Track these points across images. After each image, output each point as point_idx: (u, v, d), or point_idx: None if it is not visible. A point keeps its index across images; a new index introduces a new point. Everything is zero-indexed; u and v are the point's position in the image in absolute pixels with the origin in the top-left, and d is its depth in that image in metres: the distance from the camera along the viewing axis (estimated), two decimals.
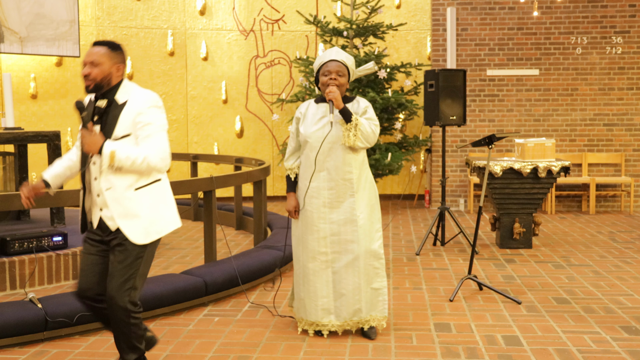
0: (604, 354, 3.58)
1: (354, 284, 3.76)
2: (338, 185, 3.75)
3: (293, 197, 3.86)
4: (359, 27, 8.57)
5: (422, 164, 9.72)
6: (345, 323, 3.80)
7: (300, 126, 3.84)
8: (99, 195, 2.99)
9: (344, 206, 3.76)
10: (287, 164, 3.92)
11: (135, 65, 9.28)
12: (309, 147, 3.78)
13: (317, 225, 3.77)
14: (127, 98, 3.00)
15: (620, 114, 8.84)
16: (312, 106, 3.86)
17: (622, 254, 6.09)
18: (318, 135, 3.74)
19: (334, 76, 3.72)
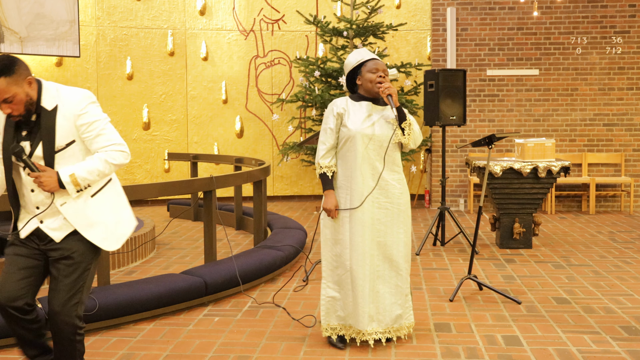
0: (604, 354, 3.58)
1: (397, 289, 3.66)
2: (388, 186, 3.63)
3: (333, 195, 3.61)
4: (359, 27, 8.57)
5: (422, 164, 9.72)
6: (386, 330, 3.67)
7: (346, 122, 3.60)
8: (38, 207, 2.76)
9: (392, 208, 3.64)
10: (324, 161, 3.64)
11: (135, 65, 9.28)
12: (356, 144, 3.57)
13: (369, 227, 3.58)
14: (57, 102, 2.71)
15: (620, 114, 8.84)
16: (350, 103, 3.66)
17: (622, 254, 6.09)
18: (367, 132, 3.57)
19: (382, 74, 3.62)
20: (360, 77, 3.67)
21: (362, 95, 3.70)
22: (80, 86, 8.98)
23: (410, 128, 3.62)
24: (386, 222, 3.64)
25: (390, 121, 3.64)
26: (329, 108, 3.68)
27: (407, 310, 3.74)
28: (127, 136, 9.31)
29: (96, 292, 4.09)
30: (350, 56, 3.76)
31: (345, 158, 3.64)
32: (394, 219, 3.65)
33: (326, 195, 3.63)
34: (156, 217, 8.33)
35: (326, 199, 3.62)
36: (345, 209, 3.60)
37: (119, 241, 2.88)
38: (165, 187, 5.04)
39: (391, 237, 3.65)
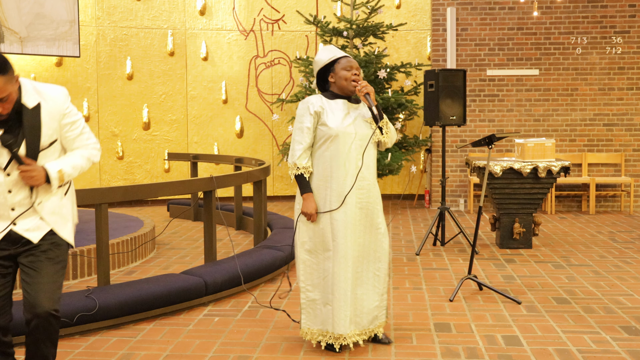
0: (604, 354, 3.58)
1: (377, 290, 3.62)
2: (368, 185, 3.56)
3: (312, 198, 3.48)
4: (359, 27, 8.57)
5: (422, 164, 9.72)
6: (363, 332, 3.61)
7: (325, 120, 3.49)
8: (14, 209, 2.67)
9: (371, 208, 3.57)
10: (302, 162, 3.49)
11: (135, 65, 9.28)
12: (338, 143, 3.48)
13: (351, 228, 3.48)
14: (38, 100, 2.65)
15: (620, 114, 8.84)
16: (326, 101, 3.55)
17: (622, 254, 6.09)
18: (349, 131, 3.49)
19: (357, 72, 3.56)
20: (334, 74, 3.58)
21: (335, 93, 3.61)
22: (81, 86, 8.99)
23: (387, 127, 3.58)
24: (366, 222, 3.57)
25: (367, 120, 3.58)
26: (303, 106, 3.55)
27: (381, 310, 3.68)
28: (127, 136, 9.32)
29: (96, 292, 4.09)
30: (320, 53, 3.66)
31: (322, 157, 3.52)
32: (373, 219, 3.59)
33: (305, 198, 3.49)
34: (156, 217, 8.33)
35: (305, 203, 3.48)
36: (325, 212, 3.49)
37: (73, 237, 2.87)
38: (165, 187, 5.04)
39: (370, 237, 3.59)
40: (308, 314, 3.59)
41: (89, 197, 4.41)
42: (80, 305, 3.92)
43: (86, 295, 4.02)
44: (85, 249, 5.19)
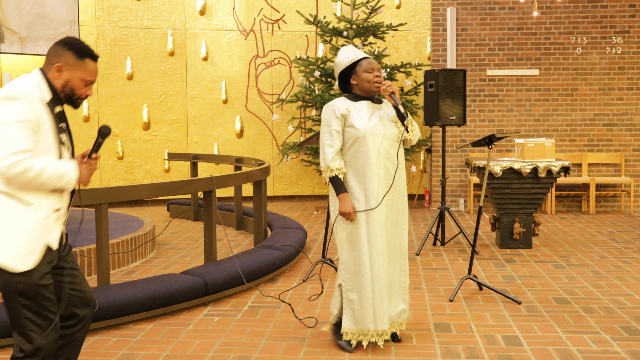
0: (604, 354, 3.58)
1: (401, 284, 3.71)
2: (397, 184, 3.63)
3: (348, 198, 3.54)
4: (359, 27, 8.57)
5: (422, 164, 9.72)
6: (392, 325, 3.70)
7: (352, 122, 3.55)
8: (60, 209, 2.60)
9: (398, 206, 3.65)
10: (334, 164, 3.55)
11: (135, 65, 9.28)
12: (367, 144, 3.53)
13: (383, 226, 3.57)
14: None
15: (620, 114, 8.84)
16: (350, 103, 3.61)
17: (622, 254, 6.09)
18: (376, 131, 3.55)
19: (378, 73, 3.61)
20: (356, 76, 3.65)
21: (358, 94, 3.67)
22: None
23: (412, 124, 3.65)
24: (393, 220, 3.66)
25: (392, 119, 3.64)
26: (329, 110, 3.61)
27: (407, 304, 3.80)
28: (127, 136, 9.32)
29: (96, 292, 4.09)
30: (341, 55, 3.71)
31: (354, 159, 3.59)
32: (399, 217, 3.68)
33: (341, 199, 3.55)
34: (156, 217, 8.33)
35: (342, 203, 3.54)
36: (362, 211, 3.55)
37: None
38: (165, 187, 5.04)
39: (397, 235, 3.68)
40: (348, 314, 3.63)
41: (89, 197, 4.41)
42: None
43: None
44: (85, 249, 5.19)
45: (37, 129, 2.40)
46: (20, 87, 2.41)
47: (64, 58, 2.52)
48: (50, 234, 2.49)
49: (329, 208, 3.73)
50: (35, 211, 2.43)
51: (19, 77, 2.51)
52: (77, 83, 2.54)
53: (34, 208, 2.43)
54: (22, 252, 2.39)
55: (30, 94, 2.41)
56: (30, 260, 2.40)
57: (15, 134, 2.34)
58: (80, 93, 2.56)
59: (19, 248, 2.38)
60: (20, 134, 2.35)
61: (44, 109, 2.44)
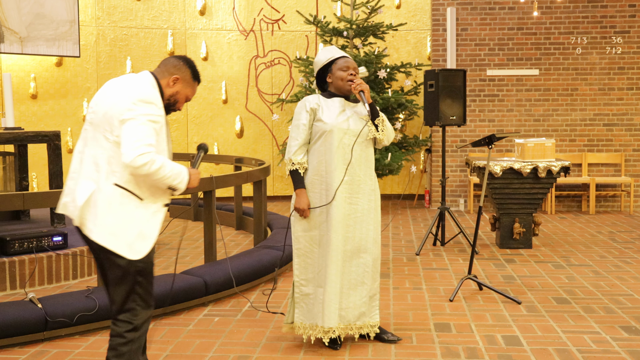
0: (604, 354, 3.58)
1: (362, 286, 3.65)
2: (360, 182, 3.62)
3: (305, 194, 3.57)
4: (359, 27, 8.57)
5: (422, 164, 9.72)
6: (348, 326, 3.66)
7: (320, 116, 3.59)
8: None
9: (363, 204, 3.62)
10: (297, 157, 3.59)
11: (135, 65, 9.28)
12: (332, 138, 3.55)
13: (341, 222, 3.56)
14: None
15: (620, 114, 8.84)
16: (323, 99, 3.65)
17: (622, 254, 6.09)
18: (343, 126, 3.57)
19: (353, 72, 3.63)
20: (331, 74, 3.67)
21: (333, 92, 3.70)
22: (80, 86, 9.00)
23: (384, 124, 3.64)
24: (356, 218, 3.62)
25: (363, 117, 3.65)
26: (301, 104, 3.65)
27: (372, 310, 3.71)
28: None
29: (96, 292, 4.09)
30: (320, 54, 3.75)
31: (318, 153, 3.60)
32: (365, 216, 3.64)
33: (298, 194, 3.58)
34: None
35: (298, 198, 3.57)
36: (317, 207, 3.57)
37: None
38: None
39: (360, 234, 3.63)
40: (301, 308, 3.65)
41: None
42: (80, 305, 3.92)
43: (86, 295, 4.02)
44: (85, 249, 5.19)
45: (159, 131, 2.68)
46: (150, 92, 2.69)
47: (183, 73, 2.82)
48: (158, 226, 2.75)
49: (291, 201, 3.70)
50: (147, 206, 2.69)
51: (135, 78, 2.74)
52: (182, 97, 2.84)
53: (145, 203, 2.69)
54: (136, 243, 2.67)
55: (159, 99, 2.71)
56: (142, 251, 2.68)
57: (146, 131, 2.60)
58: (179, 106, 2.86)
59: (134, 239, 2.66)
60: (150, 131, 2.61)
61: (163, 114, 2.74)
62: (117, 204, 2.64)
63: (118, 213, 2.64)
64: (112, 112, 2.63)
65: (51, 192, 4.58)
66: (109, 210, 2.63)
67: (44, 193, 4.50)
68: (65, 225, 6.05)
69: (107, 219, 2.63)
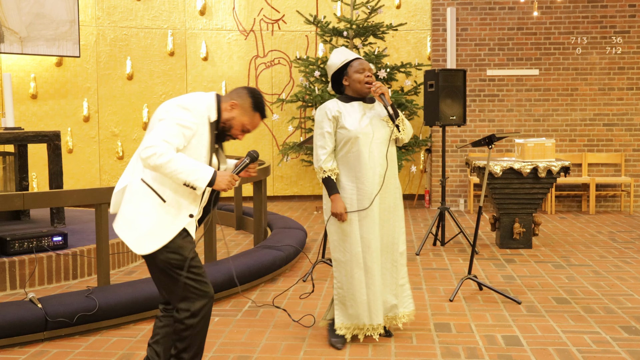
0: (604, 354, 3.58)
1: (392, 280, 3.77)
2: (388, 181, 3.69)
3: (340, 199, 3.62)
4: (359, 27, 8.57)
5: (422, 164, 9.72)
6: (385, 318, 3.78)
7: (343, 123, 3.62)
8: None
9: (390, 202, 3.71)
10: (327, 165, 3.64)
11: (135, 65, 9.28)
12: (359, 144, 3.60)
13: (377, 223, 3.65)
14: None
15: (620, 114, 8.84)
16: (342, 105, 3.68)
17: (622, 254, 6.09)
18: (367, 131, 3.61)
19: (369, 73, 3.65)
20: (347, 77, 3.70)
21: (350, 95, 3.73)
22: (80, 86, 9.00)
23: (404, 123, 3.71)
24: (389, 218, 3.73)
25: (383, 119, 3.70)
26: (321, 112, 3.68)
27: (404, 300, 3.83)
28: (127, 136, 9.32)
29: (96, 292, 4.09)
30: (333, 57, 3.76)
31: (346, 159, 3.66)
32: (391, 214, 3.74)
33: (333, 200, 3.63)
34: None
35: (334, 204, 3.62)
36: (354, 211, 3.63)
37: None
38: None
39: (393, 232, 3.75)
40: (340, 310, 3.72)
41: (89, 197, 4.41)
42: (80, 305, 3.92)
43: (86, 295, 4.02)
44: (85, 249, 5.19)
45: (190, 137, 2.77)
46: (194, 102, 2.82)
47: (243, 101, 2.89)
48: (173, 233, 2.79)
49: (323, 208, 3.79)
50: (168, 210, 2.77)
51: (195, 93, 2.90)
52: (237, 124, 2.89)
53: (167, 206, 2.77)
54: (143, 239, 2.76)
55: (199, 109, 2.81)
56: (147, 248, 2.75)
57: (169, 130, 2.71)
58: (234, 133, 2.91)
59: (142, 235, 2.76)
60: (174, 131, 2.72)
61: (206, 126, 2.82)
62: (138, 199, 2.78)
63: (136, 206, 2.78)
64: (156, 114, 2.82)
65: (51, 192, 4.58)
66: (130, 202, 2.80)
67: (44, 193, 4.50)
68: (65, 225, 6.05)
69: (126, 209, 2.80)
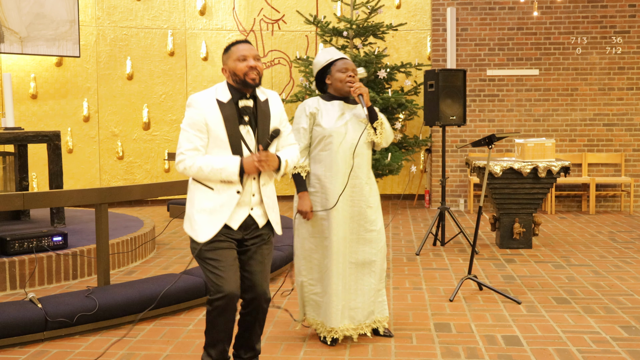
0: (604, 354, 3.58)
1: (369, 285, 3.71)
2: (361, 184, 3.66)
3: (307, 197, 3.61)
4: (359, 27, 8.57)
5: (422, 164, 9.72)
6: (359, 326, 3.71)
7: (319, 121, 3.62)
8: (254, 195, 2.99)
9: (363, 206, 3.67)
10: (299, 161, 3.64)
11: (135, 65, 9.28)
12: (332, 143, 3.60)
13: (343, 225, 3.62)
14: (265, 96, 3.05)
15: (620, 114, 8.84)
16: (322, 102, 3.68)
17: (622, 254, 6.09)
18: (341, 131, 3.60)
19: (352, 73, 3.64)
20: (330, 76, 3.69)
21: (332, 94, 3.72)
22: (81, 86, 9.00)
23: (382, 127, 3.66)
24: (359, 220, 3.68)
25: (362, 120, 3.67)
26: (300, 108, 3.69)
27: (379, 305, 3.79)
28: (127, 136, 9.32)
29: (96, 292, 4.09)
30: (319, 56, 3.77)
31: (318, 157, 3.65)
32: (367, 217, 3.69)
33: (300, 197, 3.63)
34: (156, 217, 8.33)
35: (300, 201, 3.62)
36: (320, 210, 3.62)
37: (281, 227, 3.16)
38: (165, 187, 5.04)
39: (364, 235, 3.69)
40: (311, 306, 3.74)
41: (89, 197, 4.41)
42: (80, 305, 3.92)
43: (86, 295, 4.02)
44: (85, 249, 5.19)
45: (205, 126, 2.90)
46: (193, 96, 2.94)
47: (223, 58, 3.01)
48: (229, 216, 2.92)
49: (293, 205, 3.76)
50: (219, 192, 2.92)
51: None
52: (233, 66, 2.93)
53: (217, 192, 2.92)
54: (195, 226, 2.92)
55: (199, 99, 2.92)
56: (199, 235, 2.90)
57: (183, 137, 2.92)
58: (240, 70, 2.92)
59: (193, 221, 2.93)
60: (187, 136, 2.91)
61: (214, 107, 2.90)
62: (190, 193, 3.00)
63: (189, 199, 3.00)
64: None
65: (51, 192, 4.58)
66: (187, 197, 3.02)
67: (44, 193, 4.50)
68: (65, 225, 6.05)
69: (186, 205, 3.03)
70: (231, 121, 2.91)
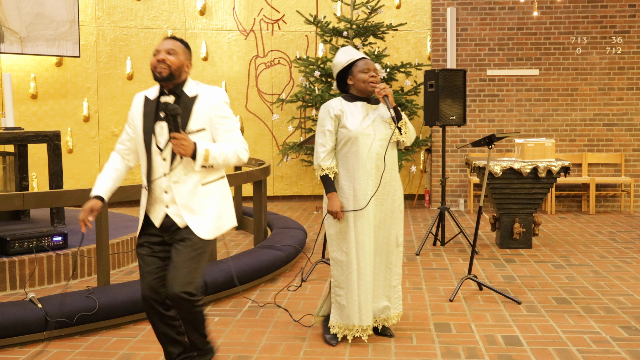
0: (604, 354, 3.58)
1: (385, 282, 3.78)
2: (386, 184, 3.68)
3: (336, 197, 3.63)
4: (359, 27, 8.57)
5: (422, 164, 9.72)
6: (374, 320, 3.79)
7: (345, 123, 3.62)
8: (167, 192, 2.96)
9: (387, 205, 3.71)
10: (326, 163, 3.65)
11: (135, 65, 9.28)
12: (358, 144, 3.60)
13: (373, 225, 3.65)
14: (197, 93, 2.97)
15: (620, 114, 8.84)
16: (345, 104, 3.68)
17: (622, 254, 6.09)
18: (368, 132, 3.61)
19: (374, 73, 3.65)
20: (352, 77, 3.70)
21: (354, 95, 3.73)
22: (80, 86, 9.00)
23: (407, 126, 3.70)
24: (385, 219, 3.72)
25: (386, 120, 3.69)
26: (324, 110, 3.69)
27: (395, 301, 3.84)
28: None
29: (96, 292, 4.09)
30: (339, 56, 3.77)
31: (345, 159, 3.67)
32: (392, 217, 3.74)
33: (330, 197, 3.65)
34: None
35: (330, 202, 3.64)
36: (350, 210, 3.63)
37: (215, 233, 3.01)
38: None
39: (388, 234, 3.74)
40: (336, 308, 3.75)
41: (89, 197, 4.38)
42: (80, 305, 3.92)
43: (86, 295, 4.02)
44: (85, 249, 5.19)
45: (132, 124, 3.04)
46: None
47: None
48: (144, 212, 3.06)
49: (323, 206, 3.79)
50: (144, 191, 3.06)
51: None
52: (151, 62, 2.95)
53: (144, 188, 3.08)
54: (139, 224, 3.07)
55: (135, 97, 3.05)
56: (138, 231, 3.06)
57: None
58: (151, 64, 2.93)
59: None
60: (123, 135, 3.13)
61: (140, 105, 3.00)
62: None
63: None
64: None
65: (51, 192, 4.58)
66: None
67: (44, 193, 4.50)
68: (65, 225, 6.05)
69: None
70: (149, 117, 2.95)
